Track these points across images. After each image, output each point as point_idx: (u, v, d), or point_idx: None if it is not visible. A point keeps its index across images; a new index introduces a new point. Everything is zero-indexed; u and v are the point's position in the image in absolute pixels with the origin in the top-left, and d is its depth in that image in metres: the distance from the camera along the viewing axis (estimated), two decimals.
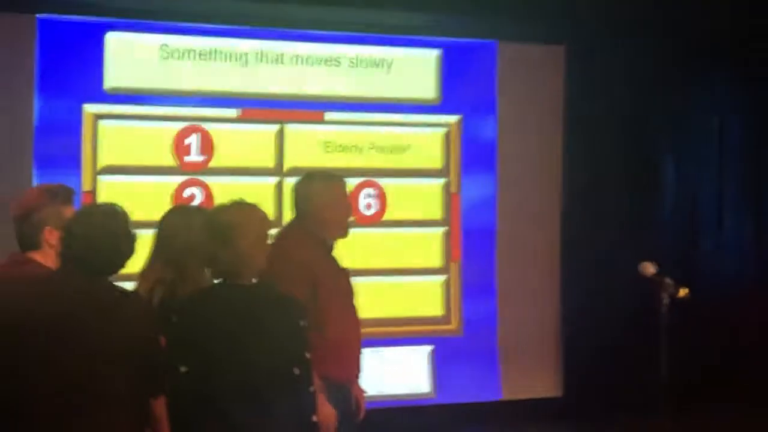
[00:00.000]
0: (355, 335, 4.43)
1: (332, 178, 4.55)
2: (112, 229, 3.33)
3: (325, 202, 4.37)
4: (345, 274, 4.47)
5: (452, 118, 7.23)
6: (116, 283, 3.41)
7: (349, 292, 4.47)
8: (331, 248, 4.45)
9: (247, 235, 3.45)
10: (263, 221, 3.57)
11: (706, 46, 7.55)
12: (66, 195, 3.84)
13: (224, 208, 3.56)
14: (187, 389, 3.33)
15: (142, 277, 3.86)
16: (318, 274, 4.23)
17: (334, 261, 4.44)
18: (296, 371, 3.44)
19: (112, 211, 3.42)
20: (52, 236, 3.62)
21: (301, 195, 4.44)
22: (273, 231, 3.77)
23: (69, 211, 3.63)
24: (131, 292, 3.56)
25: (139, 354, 3.25)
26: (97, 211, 3.51)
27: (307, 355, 3.50)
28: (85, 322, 3.22)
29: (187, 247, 3.78)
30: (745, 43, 7.51)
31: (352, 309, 4.46)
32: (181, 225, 3.87)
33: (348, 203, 4.60)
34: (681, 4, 7.09)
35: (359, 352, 4.47)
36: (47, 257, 3.63)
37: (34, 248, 3.73)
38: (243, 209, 3.55)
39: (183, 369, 3.33)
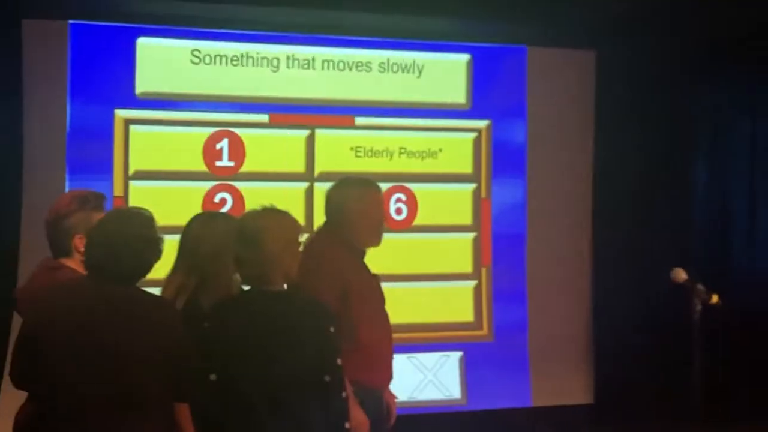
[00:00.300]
0: (387, 341, 4.39)
1: (366, 184, 4.47)
2: (132, 235, 3.30)
3: (359, 209, 4.31)
4: (376, 281, 4.43)
5: (482, 123, 7.20)
6: (146, 289, 3.40)
7: (380, 298, 4.43)
8: (362, 255, 4.40)
9: (277, 239, 3.44)
10: (294, 227, 3.56)
11: (737, 46, 7.47)
12: (97, 201, 3.86)
13: (255, 214, 3.56)
14: (216, 397, 3.32)
15: (166, 282, 3.84)
16: (349, 280, 4.20)
17: (365, 267, 4.40)
18: (327, 378, 3.43)
19: (134, 216, 3.40)
20: (81, 243, 3.63)
21: (334, 201, 4.37)
22: (303, 237, 3.75)
23: (99, 218, 3.63)
24: (160, 298, 3.55)
25: (166, 360, 3.24)
26: (116, 217, 3.50)
27: (338, 362, 3.49)
28: (110, 327, 3.22)
29: (211, 254, 3.75)
30: None
31: (383, 315, 4.42)
32: (206, 231, 3.83)
33: (382, 211, 4.47)
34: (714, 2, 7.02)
35: (390, 358, 4.44)
36: (79, 263, 3.64)
37: (65, 255, 3.76)
38: (273, 215, 3.55)
39: (212, 377, 3.33)
